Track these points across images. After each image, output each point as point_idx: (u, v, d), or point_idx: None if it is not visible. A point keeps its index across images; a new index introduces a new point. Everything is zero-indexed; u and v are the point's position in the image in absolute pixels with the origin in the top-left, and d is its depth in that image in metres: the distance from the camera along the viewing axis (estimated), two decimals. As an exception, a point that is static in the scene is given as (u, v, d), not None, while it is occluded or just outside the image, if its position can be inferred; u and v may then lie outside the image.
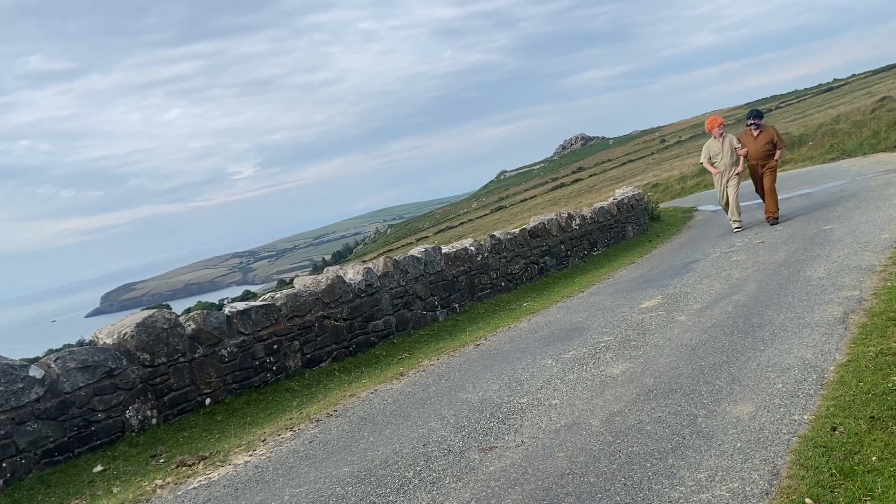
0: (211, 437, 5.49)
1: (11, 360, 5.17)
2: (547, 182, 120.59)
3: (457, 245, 9.58)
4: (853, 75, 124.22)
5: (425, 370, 6.12)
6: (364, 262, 8.97)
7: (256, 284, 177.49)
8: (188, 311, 7.54)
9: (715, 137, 11.39)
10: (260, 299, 7.08)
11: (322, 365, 7.08)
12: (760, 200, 16.20)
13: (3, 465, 4.88)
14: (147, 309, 7.33)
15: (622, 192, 14.38)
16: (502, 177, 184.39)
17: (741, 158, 11.12)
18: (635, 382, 4.47)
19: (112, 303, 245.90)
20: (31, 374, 5.11)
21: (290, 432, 5.01)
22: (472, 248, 9.46)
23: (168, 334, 5.89)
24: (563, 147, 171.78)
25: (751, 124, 11.25)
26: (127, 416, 5.57)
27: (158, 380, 5.80)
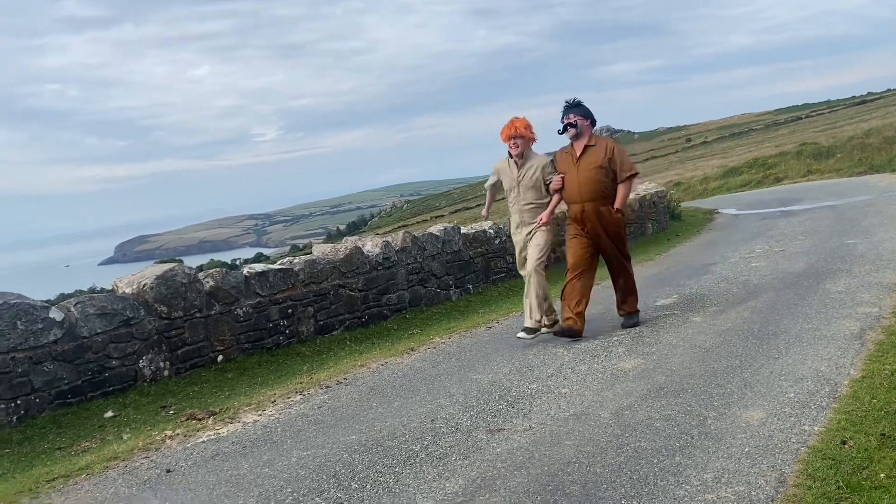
0: (221, 393, 5.58)
1: (33, 300, 5.26)
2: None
3: (476, 227, 9.59)
4: (888, 90, 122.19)
5: (436, 347, 6.16)
6: (378, 233, 9.00)
7: (270, 248, 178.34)
8: (200, 268, 7.64)
9: (511, 156, 6.00)
10: (278, 263, 7.14)
11: (334, 333, 7.14)
12: (783, 208, 16.09)
13: (18, 401, 4.98)
14: (162, 262, 7.41)
15: (645, 188, 14.29)
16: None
17: (555, 198, 5.91)
18: (646, 379, 4.48)
19: (126, 253, 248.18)
20: (51, 315, 5.20)
21: (300, 396, 5.07)
22: (492, 230, 9.46)
23: (186, 289, 5.96)
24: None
25: (567, 126, 5.84)
26: (140, 365, 5.66)
27: (173, 333, 5.88)
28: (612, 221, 5.81)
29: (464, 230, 9.16)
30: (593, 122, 5.94)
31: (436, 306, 8.32)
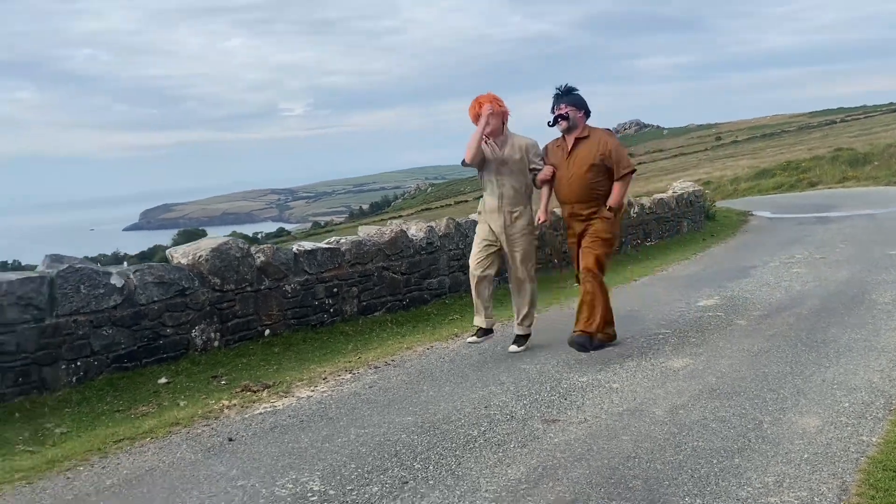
0: (269, 367, 5.70)
1: (96, 266, 5.40)
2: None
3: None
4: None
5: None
6: (401, 215, 9.08)
7: (291, 223, 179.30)
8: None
9: (486, 138, 5.30)
10: (325, 242, 7.24)
11: (376, 314, 7.24)
12: (820, 214, 15.87)
13: (78, 363, 5.13)
14: (185, 231, 7.52)
15: (682, 186, 14.24)
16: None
17: (544, 191, 5.42)
18: (697, 379, 4.52)
19: (150, 220, 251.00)
20: (112, 281, 5.34)
21: (350, 374, 5.17)
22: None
23: (239, 263, 6.08)
24: (617, 130, 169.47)
25: (558, 118, 5.24)
26: (192, 335, 5.79)
27: (225, 305, 6.00)
28: (599, 231, 5.21)
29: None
30: (587, 113, 5.33)
31: (474, 293, 8.39)
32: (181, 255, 6.00)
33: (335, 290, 6.88)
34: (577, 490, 3.07)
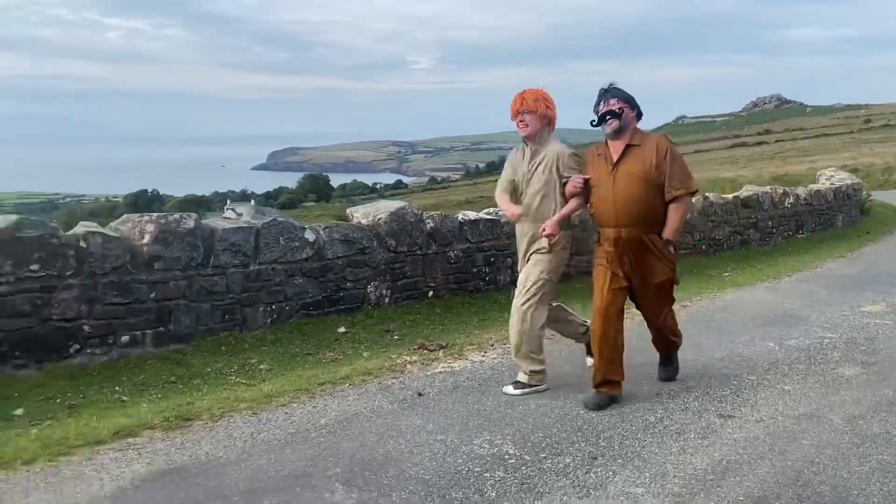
0: (434, 327, 6.09)
1: (293, 221, 5.93)
2: (727, 137, 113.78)
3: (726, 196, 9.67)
4: None
5: (633, 318, 6.34)
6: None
7: (409, 176, 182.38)
8: (343, 187, 8.23)
9: (526, 144, 4.54)
10: (483, 212, 7.53)
11: (528, 285, 7.50)
12: None
13: (273, 306, 5.71)
14: (310, 176, 7.96)
15: (839, 177, 13.56)
16: (680, 122, 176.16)
17: (570, 203, 4.32)
18: (872, 390, 4.50)
19: (277, 162, 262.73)
20: (305, 236, 5.85)
21: (514, 345, 5.46)
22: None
23: (412, 227, 6.48)
24: (755, 104, 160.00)
25: (607, 115, 4.22)
26: (368, 290, 6.27)
27: (397, 265, 6.44)
28: (661, 259, 4.23)
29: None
30: (639, 115, 4.30)
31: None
32: (361, 215, 6.47)
33: (492, 259, 7.19)
34: (765, 487, 3.22)
